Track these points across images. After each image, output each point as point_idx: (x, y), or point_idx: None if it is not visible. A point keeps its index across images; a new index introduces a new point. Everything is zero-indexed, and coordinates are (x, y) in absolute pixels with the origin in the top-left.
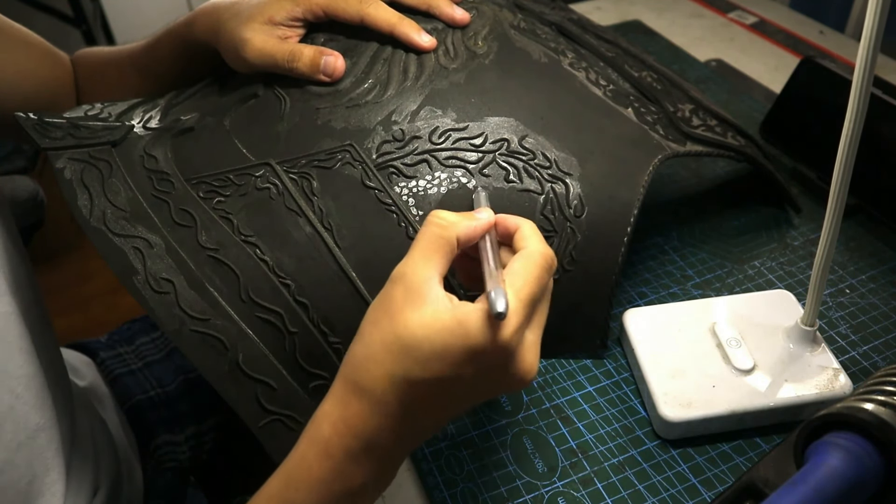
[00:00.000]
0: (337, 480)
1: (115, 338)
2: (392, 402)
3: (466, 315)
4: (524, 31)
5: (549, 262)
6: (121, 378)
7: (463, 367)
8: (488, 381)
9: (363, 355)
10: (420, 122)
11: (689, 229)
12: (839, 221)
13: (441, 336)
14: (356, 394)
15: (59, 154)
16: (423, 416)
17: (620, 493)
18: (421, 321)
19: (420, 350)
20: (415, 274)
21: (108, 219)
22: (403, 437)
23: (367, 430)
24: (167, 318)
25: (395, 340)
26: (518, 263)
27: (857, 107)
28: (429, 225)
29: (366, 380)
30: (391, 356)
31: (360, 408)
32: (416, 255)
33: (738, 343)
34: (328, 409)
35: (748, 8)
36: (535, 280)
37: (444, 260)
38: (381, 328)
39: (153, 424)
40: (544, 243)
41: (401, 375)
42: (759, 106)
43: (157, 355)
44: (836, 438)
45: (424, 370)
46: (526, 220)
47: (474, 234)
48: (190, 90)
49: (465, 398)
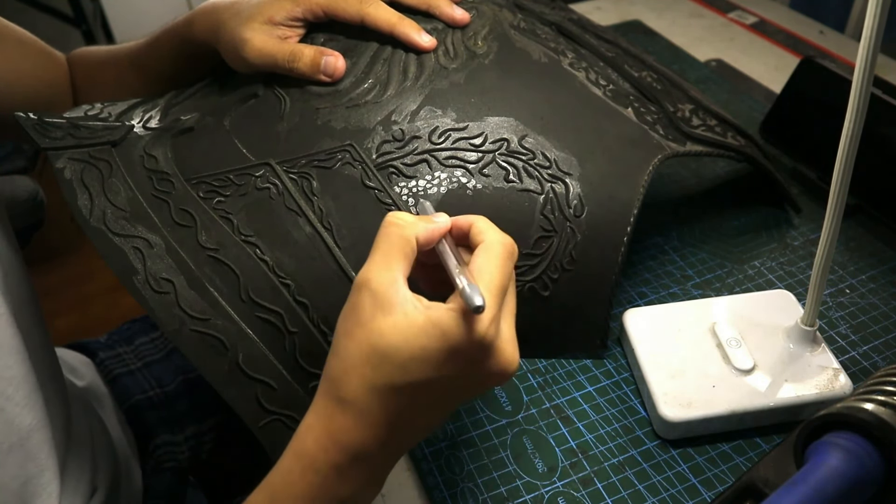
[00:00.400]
0: (323, 495)
1: (114, 338)
2: (376, 412)
3: (440, 315)
4: (524, 31)
5: (509, 250)
6: (120, 378)
7: (443, 368)
8: (470, 378)
9: (341, 369)
10: (420, 121)
11: (689, 229)
12: (839, 221)
13: (418, 339)
14: (339, 407)
15: (59, 154)
16: (408, 423)
17: (620, 493)
18: (395, 327)
19: (398, 356)
20: (379, 279)
21: (108, 219)
22: (390, 445)
23: (353, 442)
24: (167, 318)
25: (372, 350)
26: (481, 258)
27: (857, 107)
28: (386, 227)
29: (347, 392)
30: (370, 366)
31: (345, 420)
32: (378, 259)
33: (738, 343)
34: (311, 423)
35: (748, 8)
36: (500, 270)
37: (405, 260)
38: (356, 339)
39: (152, 424)
40: (501, 233)
41: (382, 384)
42: (759, 106)
43: (156, 355)
44: (836, 438)
45: (405, 375)
46: (478, 216)
47: (432, 235)
48: (189, 90)
49: (448, 399)
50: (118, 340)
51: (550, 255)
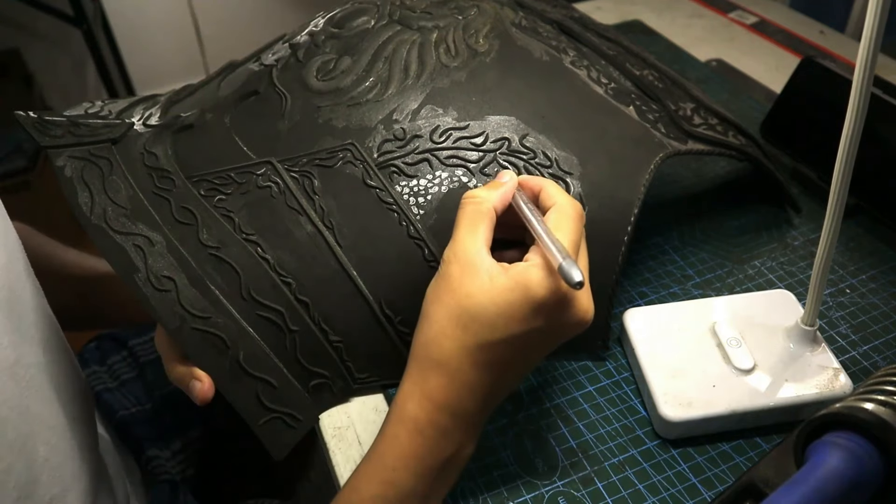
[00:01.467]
0: (430, 454)
1: (85, 357)
2: (469, 370)
3: (521, 272)
4: (525, 30)
5: (579, 212)
6: (101, 395)
7: (529, 321)
8: (553, 329)
9: (433, 332)
10: (421, 120)
11: (689, 229)
12: (839, 221)
13: (503, 296)
14: (433, 369)
15: (59, 152)
16: (499, 377)
17: (620, 493)
18: (481, 288)
19: (486, 314)
20: (465, 250)
21: (108, 216)
22: (485, 400)
23: (450, 401)
24: (168, 315)
25: (461, 312)
26: (555, 216)
27: (857, 107)
28: (465, 205)
29: (439, 354)
30: (460, 327)
31: (439, 381)
32: (462, 233)
33: (738, 343)
34: (408, 389)
35: (748, 8)
36: (573, 230)
37: (487, 231)
38: (445, 303)
39: (140, 439)
40: (569, 196)
41: (473, 343)
42: (759, 106)
43: (129, 374)
44: (836, 438)
45: (494, 331)
46: (546, 180)
47: (506, 197)
48: (190, 87)
49: (535, 350)
50: (90, 360)
51: None
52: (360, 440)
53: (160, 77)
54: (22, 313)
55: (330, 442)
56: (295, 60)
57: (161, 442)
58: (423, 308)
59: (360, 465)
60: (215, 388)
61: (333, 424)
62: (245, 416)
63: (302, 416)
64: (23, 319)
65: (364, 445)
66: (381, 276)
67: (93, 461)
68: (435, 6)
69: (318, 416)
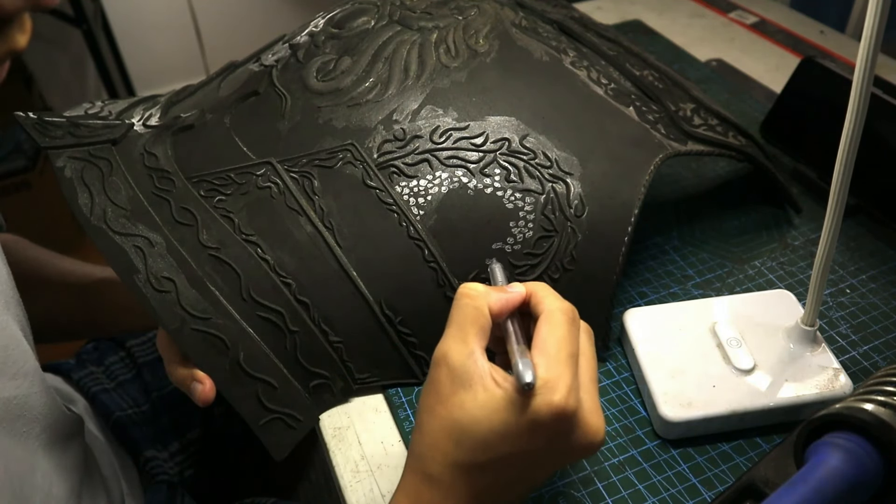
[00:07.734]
0: None
1: (83, 357)
2: (462, 488)
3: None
4: (526, 30)
5: (570, 316)
6: (98, 396)
7: (526, 442)
8: (554, 452)
9: (425, 445)
10: (421, 121)
11: (689, 229)
12: (839, 221)
13: (498, 414)
14: (426, 484)
15: (59, 153)
16: (495, 497)
17: (621, 493)
18: (474, 401)
19: (479, 430)
20: (456, 354)
21: (108, 217)
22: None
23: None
24: (168, 316)
25: (453, 424)
26: (544, 327)
27: (857, 107)
28: (459, 299)
29: (433, 469)
30: (453, 443)
31: (431, 497)
32: (453, 333)
33: (738, 343)
34: (401, 500)
35: (749, 8)
36: (566, 338)
37: (481, 332)
38: (437, 415)
39: (137, 440)
40: (560, 299)
41: (465, 460)
42: (759, 106)
43: (127, 375)
44: (836, 438)
45: (487, 451)
46: (535, 283)
47: (506, 307)
48: (190, 87)
49: (534, 473)
50: (87, 360)
51: (551, 255)
52: (360, 440)
53: (160, 77)
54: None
55: (330, 442)
56: (295, 61)
57: (158, 442)
58: (416, 416)
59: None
60: (216, 388)
61: (333, 424)
62: (245, 417)
63: (302, 416)
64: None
65: (364, 445)
66: (381, 277)
67: (78, 471)
68: (435, 6)
69: (319, 416)
